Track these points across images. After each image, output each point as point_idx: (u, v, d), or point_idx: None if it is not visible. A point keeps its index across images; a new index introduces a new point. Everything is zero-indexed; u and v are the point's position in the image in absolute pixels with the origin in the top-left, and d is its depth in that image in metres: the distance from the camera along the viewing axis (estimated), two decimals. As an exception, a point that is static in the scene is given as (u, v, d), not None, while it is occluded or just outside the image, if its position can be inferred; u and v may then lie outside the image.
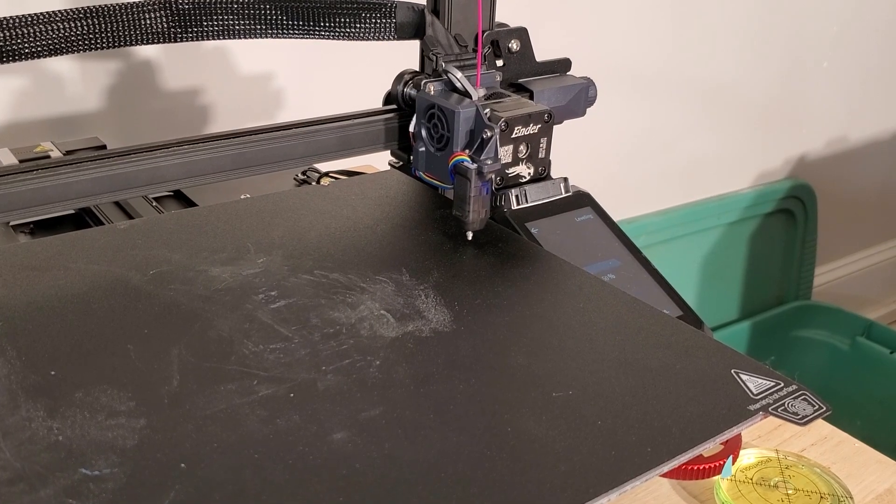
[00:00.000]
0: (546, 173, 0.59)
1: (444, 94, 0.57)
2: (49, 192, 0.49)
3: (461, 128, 0.55)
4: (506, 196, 0.57)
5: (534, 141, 0.57)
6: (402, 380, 0.42)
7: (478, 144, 0.54)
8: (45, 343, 0.44)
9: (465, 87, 0.56)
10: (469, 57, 0.59)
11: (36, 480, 0.35)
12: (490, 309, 0.49)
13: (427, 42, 0.59)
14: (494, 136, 0.54)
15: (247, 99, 0.95)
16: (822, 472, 0.49)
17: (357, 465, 0.36)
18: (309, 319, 0.47)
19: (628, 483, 0.36)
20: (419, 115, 0.58)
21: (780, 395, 0.42)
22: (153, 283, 0.49)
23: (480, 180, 0.53)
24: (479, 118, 0.54)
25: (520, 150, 0.56)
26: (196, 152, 0.53)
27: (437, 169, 0.57)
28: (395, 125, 0.61)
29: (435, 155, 0.57)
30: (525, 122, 0.56)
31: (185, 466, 0.36)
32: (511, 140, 0.56)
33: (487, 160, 0.53)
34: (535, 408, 0.41)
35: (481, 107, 0.55)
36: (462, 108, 0.55)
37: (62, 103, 0.84)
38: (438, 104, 0.56)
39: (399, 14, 0.60)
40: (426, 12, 0.60)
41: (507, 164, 0.56)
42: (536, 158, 0.57)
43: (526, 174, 0.58)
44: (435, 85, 0.57)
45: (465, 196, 0.53)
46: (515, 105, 0.57)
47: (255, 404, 0.40)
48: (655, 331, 0.48)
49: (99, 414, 0.39)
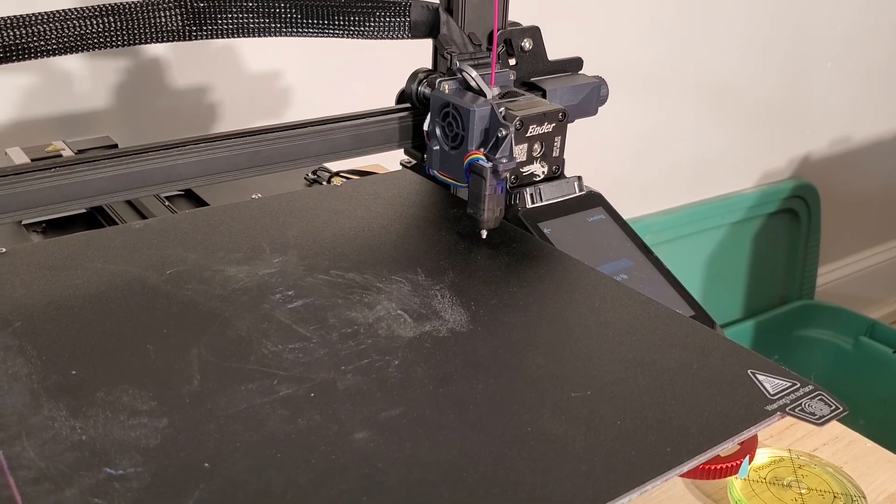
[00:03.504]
0: (560, 172, 0.59)
1: (458, 93, 0.57)
2: (66, 190, 0.49)
3: (476, 126, 0.55)
4: (520, 195, 0.57)
5: (548, 140, 0.57)
6: (421, 379, 0.42)
7: (493, 143, 0.54)
8: (65, 343, 0.44)
9: (479, 85, 0.56)
10: (483, 56, 0.59)
11: (61, 480, 0.35)
12: (506, 309, 0.49)
13: (441, 41, 0.59)
14: (509, 134, 0.54)
15: (256, 97, 0.95)
16: (834, 472, 0.50)
17: (379, 465, 0.37)
18: (326, 319, 0.47)
19: (649, 483, 0.37)
20: (434, 114, 0.58)
21: (797, 396, 0.43)
22: (170, 282, 0.50)
23: (495, 179, 0.53)
24: (494, 117, 0.55)
25: (534, 148, 0.57)
26: (211, 151, 0.53)
27: (451, 168, 0.57)
28: (409, 124, 0.61)
29: (449, 154, 0.57)
30: (540, 121, 0.56)
31: (209, 466, 0.36)
32: (526, 139, 0.56)
33: (503, 159, 0.53)
34: (555, 408, 0.41)
35: (496, 105, 0.55)
36: (477, 107, 0.55)
37: (72, 102, 0.84)
38: (453, 103, 0.56)
39: (413, 13, 0.60)
40: (440, 11, 0.60)
41: (521, 162, 0.56)
42: (551, 157, 0.58)
43: (540, 173, 0.58)
44: (449, 84, 0.57)
45: (481, 195, 0.53)
46: (530, 104, 0.57)
47: (276, 404, 0.40)
48: (671, 331, 0.48)
49: (121, 413, 0.39)
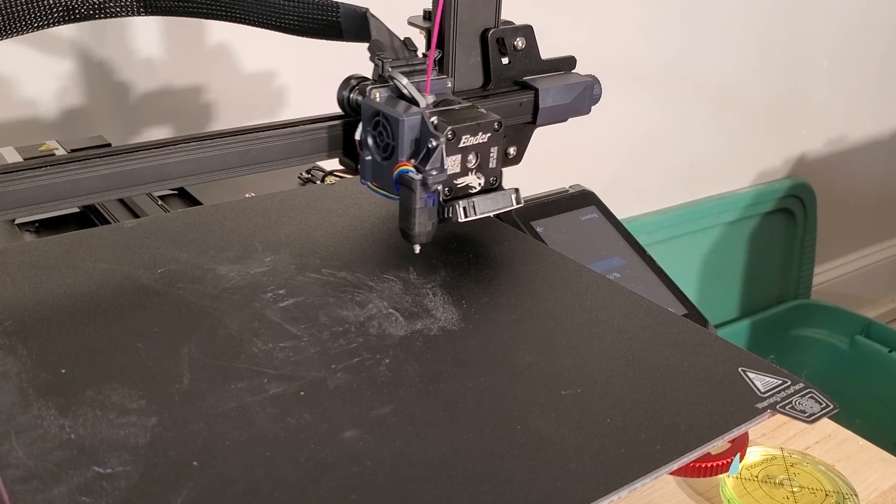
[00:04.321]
0: (497, 183, 0.56)
1: (390, 102, 0.54)
2: (58, 189, 0.49)
3: (406, 136, 0.52)
4: (453, 208, 0.53)
5: (483, 150, 0.54)
6: (411, 378, 0.42)
7: (423, 154, 0.52)
8: (56, 341, 0.44)
9: (411, 93, 0.53)
10: (419, 62, 0.56)
11: (49, 478, 0.35)
12: (497, 307, 0.49)
13: (373, 46, 0.56)
14: (440, 145, 0.51)
15: (250, 96, 0.95)
16: (826, 470, 0.49)
17: (368, 463, 0.37)
18: (318, 318, 0.47)
19: (638, 480, 0.37)
20: (365, 123, 0.55)
21: (788, 393, 0.43)
22: (161, 281, 0.50)
23: (425, 191, 0.51)
24: (425, 127, 0.52)
25: (469, 159, 0.53)
26: (203, 149, 0.53)
27: (383, 179, 0.54)
28: (339, 133, 0.58)
29: (381, 164, 0.54)
30: (473, 132, 0.53)
31: (198, 464, 0.36)
32: (459, 149, 0.53)
33: (433, 171, 0.51)
34: (545, 406, 0.41)
35: (427, 115, 0.52)
36: (407, 117, 0.52)
37: (65, 101, 0.84)
38: (383, 111, 0.53)
39: (343, 15, 0.57)
40: (368, 15, 0.56)
41: (455, 174, 0.53)
42: (487, 168, 0.54)
43: (476, 185, 0.54)
44: (381, 91, 0.54)
45: (411, 208, 0.51)
46: (465, 113, 0.54)
47: (265, 402, 0.40)
48: (662, 329, 0.48)
49: (110, 412, 0.39)
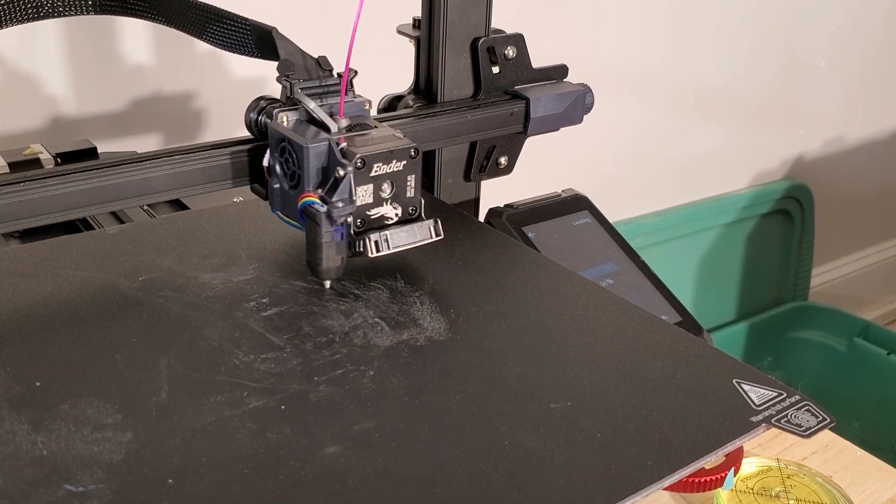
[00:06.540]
0: (417, 214, 0.51)
1: (298, 127, 0.50)
2: (36, 205, 0.47)
3: (312, 165, 0.48)
4: (364, 242, 0.49)
5: (399, 179, 0.50)
6: (396, 391, 0.41)
7: (331, 184, 0.48)
8: (31, 353, 0.43)
9: (320, 117, 0.49)
10: (333, 83, 0.52)
11: (19, 497, 0.34)
12: (486, 316, 0.48)
13: (281, 66, 0.51)
14: (348, 174, 0.47)
15: (240, 104, 0.93)
16: (823, 482, 0.49)
17: (349, 482, 0.36)
18: (301, 328, 0.46)
19: (629, 498, 0.35)
20: (272, 149, 0.51)
21: (783, 406, 0.42)
22: (142, 289, 0.48)
23: (332, 225, 0.47)
24: (333, 154, 0.48)
25: (383, 189, 0.50)
26: (187, 163, 0.51)
27: (291, 209, 0.50)
28: (244, 159, 0.54)
29: (290, 193, 0.50)
30: (386, 159, 0.49)
31: (173, 482, 0.35)
32: (370, 178, 0.49)
33: (339, 202, 0.47)
34: (533, 420, 0.40)
35: (335, 142, 0.48)
36: (312, 144, 0.48)
37: (53, 106, 0.83)
38: (288, 137, 0.49)
39: (254, 32, 0.54)
40: (274, 34, 0.52)
41: (368, 204, 0.49)
42: (404, 198, 0.50)
43: (392, 215, 0.50)
44: (290, 115, 0.50)
45: (317, 242, 0.48)
46: (379, 139, 0.50)
47: (245, 417, 0.39)
48: (655, 339, 0.47)
49: (85, 427, 0.38)
